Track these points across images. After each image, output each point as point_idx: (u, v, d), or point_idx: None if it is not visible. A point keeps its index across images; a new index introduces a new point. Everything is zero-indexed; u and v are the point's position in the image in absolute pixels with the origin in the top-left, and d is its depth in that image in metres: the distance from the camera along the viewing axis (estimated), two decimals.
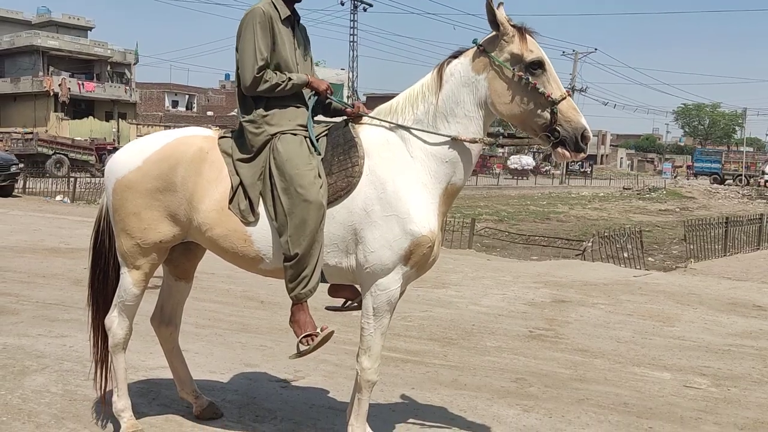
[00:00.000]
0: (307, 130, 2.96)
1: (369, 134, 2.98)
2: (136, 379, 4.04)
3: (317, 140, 2.96)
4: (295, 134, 2.92)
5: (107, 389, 3.35)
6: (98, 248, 3.32)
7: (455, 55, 2.98)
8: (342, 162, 2.89)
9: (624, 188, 38.68)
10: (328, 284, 3.29)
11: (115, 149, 16.46)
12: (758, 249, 13.80)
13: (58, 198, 17.90)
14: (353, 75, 47.56)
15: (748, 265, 11.51)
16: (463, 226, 13.67)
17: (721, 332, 5.83)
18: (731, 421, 3.84)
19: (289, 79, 2.96)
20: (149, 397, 3.77)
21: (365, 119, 3.05)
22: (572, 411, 3.86)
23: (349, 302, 3.24)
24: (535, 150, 58.78)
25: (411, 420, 3.61)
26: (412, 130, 2.93)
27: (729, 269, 10.54)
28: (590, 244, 12.25)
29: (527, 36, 2.84)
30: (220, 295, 6.47)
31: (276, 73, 2.96)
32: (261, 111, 2.97)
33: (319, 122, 3.11)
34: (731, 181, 48.53)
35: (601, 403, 4.01)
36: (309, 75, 3.05)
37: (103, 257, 3.30)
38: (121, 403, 3.22)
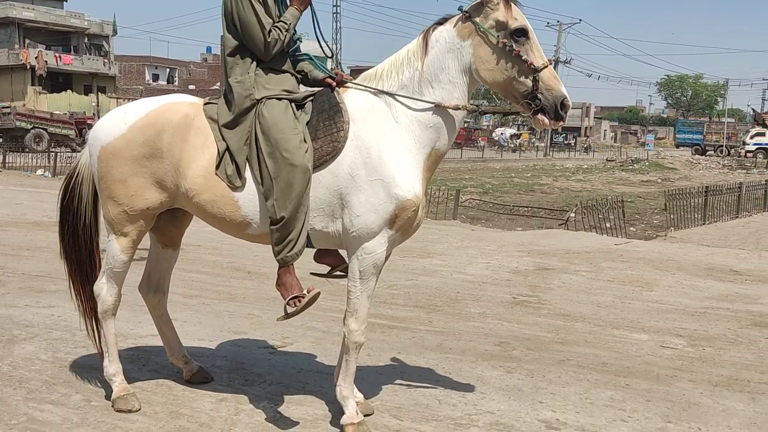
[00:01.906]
0: (292, 95, 2.99)
1: (354, 99, 3.01)
2: (126, 347, 4.10)
3: (303, 105, 2.99)
4: (280, 99, 2.95)
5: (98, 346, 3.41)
6: (66, 205, 3.34)
7: (441, 22, 3.01)
8: (327, 127, 2.93)
9: (607, 160, 38.96)
10: (315, 250, 3.36)
11: None
12: (737, 217, 14.06)
13: (39, 172, 17.74)
14: (337, 47, 47.13)
15: (727, 233, 11.74)
16: (447, 198, 13.77)
17: (698, 296, 5.99)
18: (705, 378, 3.98)
19: (287, 23, 2.99)
20: (140, 364, 3.83)
21: (350, 84, 3.08)
22: (553, 371, 3.98)
23: (334, 269, 3.31)
24: (519, 123, 58.88)
25: (398, 381, 3.70)
26: (397, 96, 2.97)
27: (708, 237, 10.75)
28: (573, 214, 12.40)
29: (512, 4, 2.89)
30: (206, 266, 6.52)
31: (276, 28, 2.98)
32: (252, 73, 2.99)
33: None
34: (712, 152, 49.03)
35: (581, 363, 4.14)
36: (289, 2, 3.07)
37: (71, 215, 3.31)
38: (113, 367, 3.28)
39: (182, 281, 5.88)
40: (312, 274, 3.44)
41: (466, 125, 47.62)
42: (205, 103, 3.10)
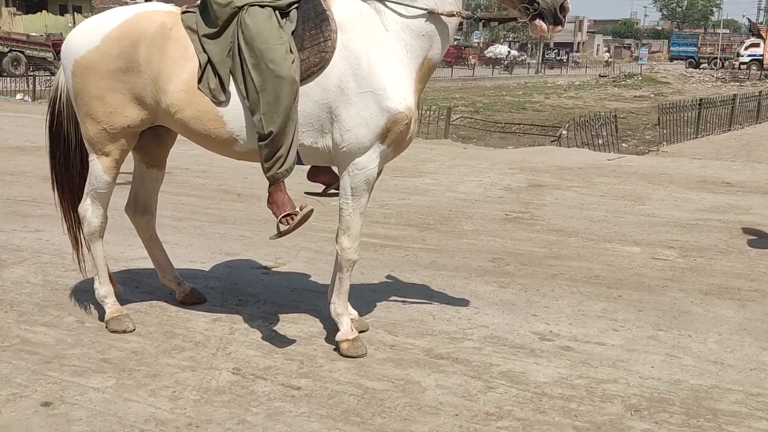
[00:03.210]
0: (275, 2, 2.82)
1: (341, 7, 2.85)
2: (117, 270, 4.07)
3: (288, 13, 2.83)
4: (263, 6, 2.78)
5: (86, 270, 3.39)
6: (55, 131, 3.22)
7: None
8: (314, 37, 2.78)
9: (600, 76, 38.41)
10: (307, 169, 3.28)
11: None
12: (729, 130, 14.00)
13: (19, 97, 17.30)
14: None
15: (719, 145, 11.70)
16: (438, 117, 13.59)
17: (690, 208, 5.99)
18: (696, 287, 4.01)
19: None
20: (131, 286, 3.81)
21: None
22: (546, 285, 4.00)
23: (329, 188, 3.24)
24: (510, 41, 57.51)
25: (392, 299, 3.71)
26: (387, 3, 2.81)
27: (700, 150, 10.71)
28: (565, 131, 12.29)
29: None
30: (195, 189, 6.43)
31: None
32: None
33: None
34: (706, 64, 48.35)
35: (574, 277, 4.16)
36: None
37: (62, 139, 3.20)
38: (104, 289, 3.25)
39: (171, 204, 5.81)
40: (306, 193, 3.37)
41: (456, 42, 46.42)
42: (183, 12, 2.93)
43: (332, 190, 3.21)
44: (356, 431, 2.42)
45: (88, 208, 3.19)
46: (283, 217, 2.83)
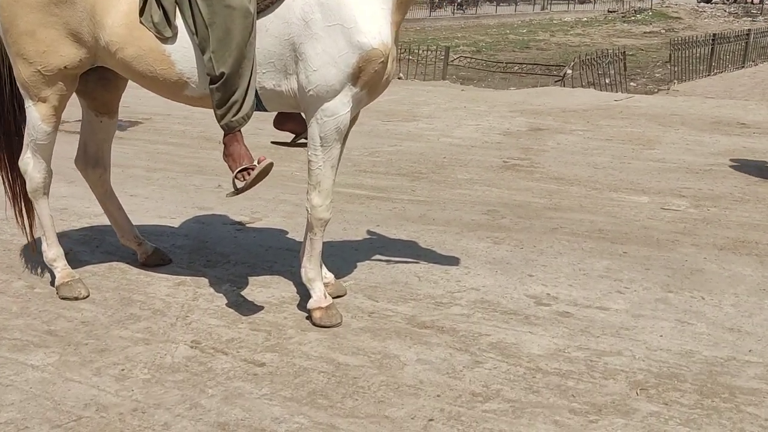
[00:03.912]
0: None
1: None
2: (78, 227, 3.76)
3: None
4: None
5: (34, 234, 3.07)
6: None
7: None
8: None
9: (609, 11, 37.20)
10: (275, 115, 2.92)
11: None
12: (742, 67, 13.40)
13: None
14: None
15: (732, 83, 11.17)
16: (437, 58, 13.00)
17: (702, 152, 5.60)
18: (710, 241, 3.68)
19: None
20: (92, 245, 3.50)
21: None
22: (545, 240, 3.66)
23: (298, 137, 2.88)
24: None
25: (375, 257, 3.39)
26: None
27: (713, 89, 10.20)
28: (570, 70, 11.75)
29: None
30: (174, 137, 6.06)
31: None
32: None
33: None
34: None
35: (575, 231, 3.82)
36: None
37: None
38: (52, 252, 2.93)
39: (146, 154, 5.46)
40: (273, 143, 3.02)
41: None
42: None
43: (302, 140, 2.85)
44: (323, 417, 2.13)
45: (29, 161, 2.84)
46: (239, 171, 2.48)
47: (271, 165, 2.47)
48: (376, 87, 2.57)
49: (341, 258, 3.37)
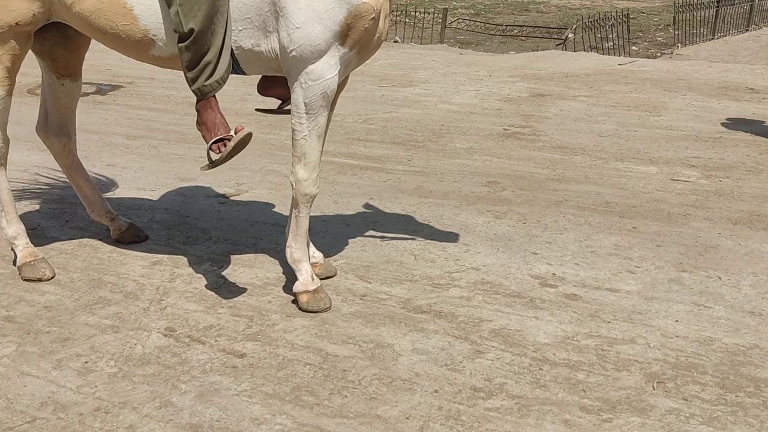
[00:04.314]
0: None
1: None
2: (48, 198, 3.51)
3: None
4: None
5: None
6: None
7: None
8: None
9: None
10: (259, 79, 2.65)
11: None
12: (747, 31, 13.04)
13: None
14: None
15: (737, 47, 10.85)
16: (434, 21, 12.60)
17: (711, 119, 5.34)
18: (724, 215, 3.45)
19: None
20: (62, 220, 3.25)
21: None
22: (549, 215, 3.43)
23: (285, 103, 2.62)
24: None
25: (369, 233, 3.16)
26: None
27: (717, 53, 9.90)
28: (572, 34, 11.39)
29: None
30: (158, 102, 5.75)
31: None
32: None
33: None
34: None
35: (581, 204, 3.59)
36: None
37: None
38: (12, 229, 2.69)
39: (127, 120, 5.18)
40: (258, 110, 2.76)
41: None
42: None
43: (289, 106, 2.59)
44: (308, 417, 1.92)
45: None
46: (213, 142, 2.22)
47: (249, 135, 2.22)
48: (367, 47, 2.30)
49: (331, 235, 3.14)
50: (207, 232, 3.17)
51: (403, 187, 3.81)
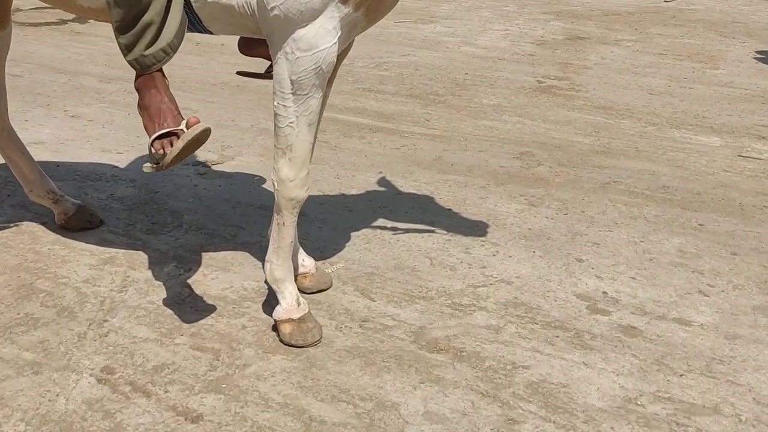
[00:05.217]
0: None
1: None
2: None
3: None
4: None
5: None
6: None
7: None
8: None
9: None
10: (238, 38, 2.00)
11: None
12: None
13: None
14: None
15: None
16: None
17: None
18: None
19: None
20: (1, 195, 2.68)
21: None
22: (595, 202, 2.82)
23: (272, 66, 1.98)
24: None
25: (376, 223, 2.57)
26: None
27: None
28: None
29: None
30: None
31: None
32: None
33: None
34: None
35: (633, 187, 2.96)
36: None
37: None
38: None
39: (104, 56, 4.51)
40: (239, 73, 2.13)
41: None
42: None
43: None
44: None
45: None
46: (156, 138, 1.61)
47: (206, 132, 1.60)
48: (378, 7, 1.64)
49: (329, 224, 2.55)
50: (178, 216, 2.59)
51: (419, 157, 3.19)
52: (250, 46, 2.01)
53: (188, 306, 2.06)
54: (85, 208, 2.45)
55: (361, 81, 4.20)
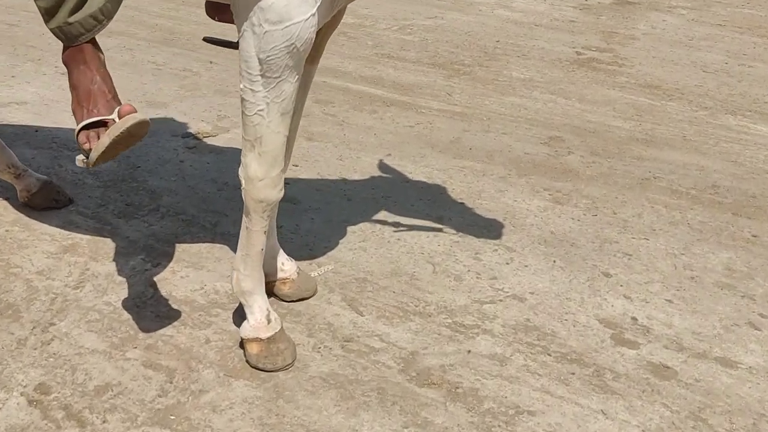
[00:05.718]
0: None
1: None
2: None
3: None
4: None
5: None
6: None
7: None
8: None
9: None
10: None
11: None
12: None
13: None
14: None
15: None
16: None
17: None
18: None
19: None
20: None
21: None
22: (630, 202, 2.47)
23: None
24: None
25: (375, 216, 2.27)
26: None
27: None
28: None
29: None
30: None
31: None
32: None
33: None
34: None
35: (677, 186, 2.59)
36: None
37: None
38: None
39: None
40: (206, 39, 1.83)
41: None
42: None
43: None
44: None
45: None
46: (83, 128, 1.31)
47: (142, 125, 1.30)
48: None
49: (323, 215, 2.26)
50: (156, 197, 2.31)
51: (434, 137, 2.85)
52: (220, 9, 1.68)
53: (149, 310, 1.80)
54: (51, 184, 2.19)
55: (381, 45, 3.84)
